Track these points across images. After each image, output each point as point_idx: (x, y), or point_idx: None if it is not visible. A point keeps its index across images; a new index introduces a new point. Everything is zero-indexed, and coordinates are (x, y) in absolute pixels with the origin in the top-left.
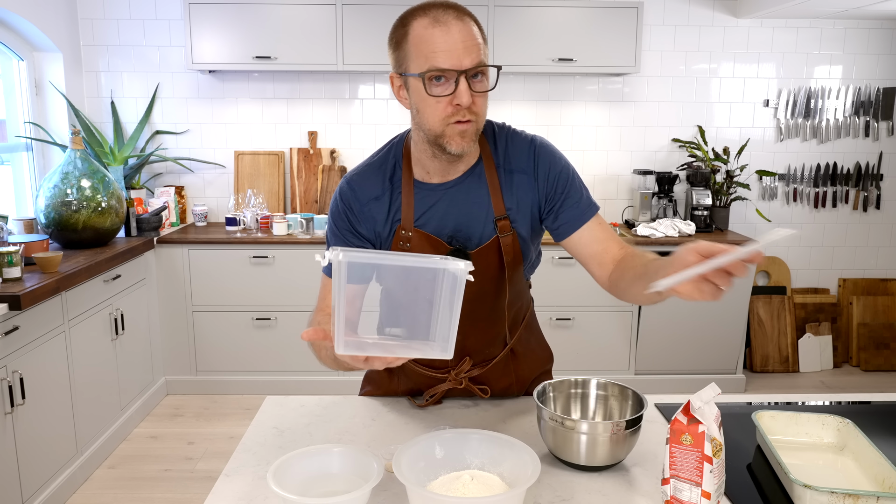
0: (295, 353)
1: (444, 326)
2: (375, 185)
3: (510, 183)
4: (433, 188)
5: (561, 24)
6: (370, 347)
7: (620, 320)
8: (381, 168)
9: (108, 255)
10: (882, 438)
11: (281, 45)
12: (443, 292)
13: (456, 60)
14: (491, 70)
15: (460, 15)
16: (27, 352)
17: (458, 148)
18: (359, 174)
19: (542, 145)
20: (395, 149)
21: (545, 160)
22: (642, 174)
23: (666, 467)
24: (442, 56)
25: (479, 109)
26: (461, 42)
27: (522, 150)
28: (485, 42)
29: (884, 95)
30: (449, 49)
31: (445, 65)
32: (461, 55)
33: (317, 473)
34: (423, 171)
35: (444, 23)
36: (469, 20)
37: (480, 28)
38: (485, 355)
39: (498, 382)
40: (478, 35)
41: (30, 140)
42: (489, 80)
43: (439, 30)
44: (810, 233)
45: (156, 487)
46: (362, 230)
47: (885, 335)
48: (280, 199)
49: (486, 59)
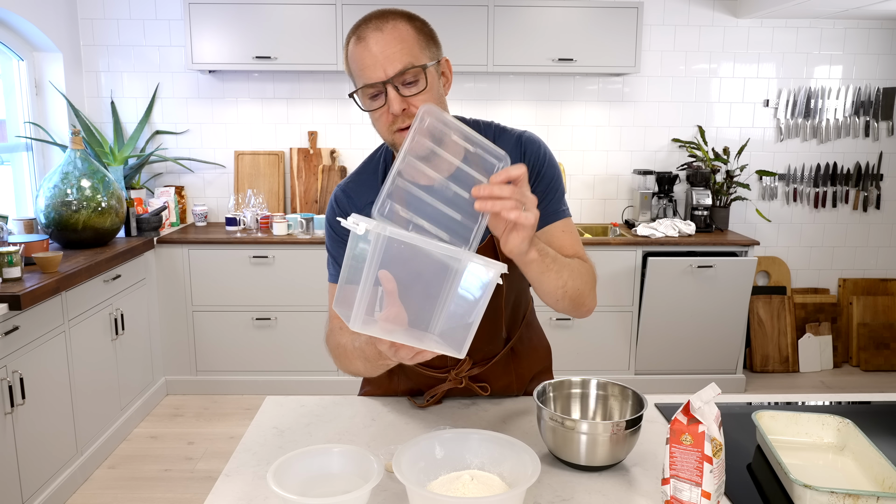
0: (295, 353)
1: (464, 325)
2: (369, 189)
3: None
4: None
5: (561, 24)
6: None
7: (620, 320)
8: (373, 173)
9: (108, 255)
10: (882, 438)
11: (281, 45)
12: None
13: (379, 72)
14: (428, 69)
15: (380, 24)
16: (27, 352)
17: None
18: (352, 181)
19: (529, 139)
20: (384, 153)
21: (532, 151)
22: (642, 174)
23: (666, 467)
24: (367, 72)
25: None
26: (380, 53)
27: (510, 144)
28: (424, 40)
29: (884, 95)
30: (371, 63)
31: (370, 79)
32: (383, 65)
33: (317, 473)
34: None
35: (363, 38)
36: (391, 25)
37: (416, 26)
38: (485, 354)
39: (498, 381)
40: (403, 38)
41: (30, 140)
42: (426, 81)
43: (361, 46)
44: (810, 233)
45: (156, 487)
46: None
47: (885, 335)
48: (280, 199)
49: (417, 60)
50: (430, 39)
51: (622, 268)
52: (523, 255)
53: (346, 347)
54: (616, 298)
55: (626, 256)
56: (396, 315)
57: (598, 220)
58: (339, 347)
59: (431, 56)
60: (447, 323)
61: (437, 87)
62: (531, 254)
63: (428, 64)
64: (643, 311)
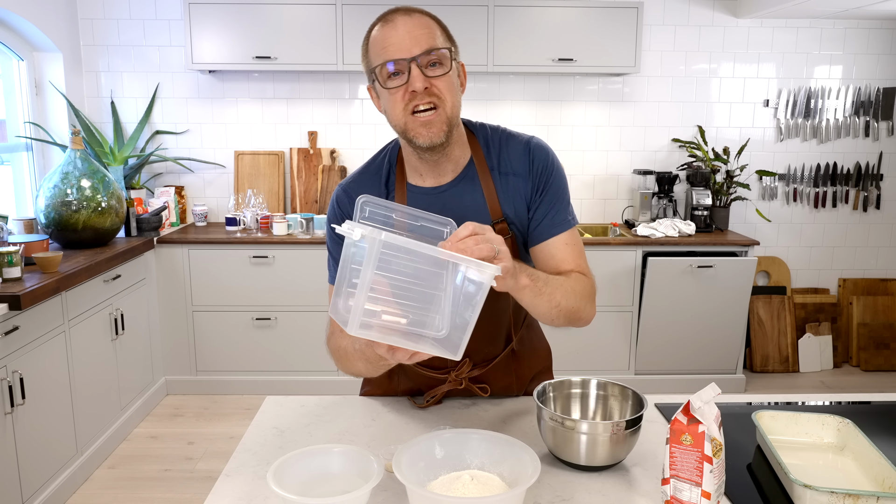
0: (295, 353)
1: (460, 327)
2: (371, 190)
3: (506, 186)
4: (427, 192)
5: (561, 24)
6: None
7: (620, 320)
8: (376, 173)
9: (108, 255)
10: (882, 438)
11: (281, 45)
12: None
13: (405, 50)
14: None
15: (409, 11)
16: (27, 352)
17: (425, 140)
18: (354, 181)
19: (537, 145)
20: (389, 154)
21: (539, 158)
22: (642, 174)
23: (666, 467)
24: (392, 49)
25: (440, 93)
26: (407, 33)
27: (518, 152)
28: (447, 35)
29: (884, 95)
30: (397, 41)
31: (395, 55)
32: (409, 44)
33: (317, 473)
34: (416, 175)
35: (390, 21)
36: (418, 14)
37: (439, 22)
38: (485, 355)
39: (498, 382)
40: (429, 25)
41: (30, 140)
42: (449, 65)
43: (387, 27)
44: (810, 233)
45: (156, 487)
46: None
47: (885, 335)
48: (280, 199)
49: (443, 45)
50: (452, 40)
51: (622, 268)
52: (515, 287)
53: (347, 350)
54: (616, 298)
55: (626, 256)
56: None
57: (598, 220)
58: (339, 350)
59: (453, 51)
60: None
61: (456, 79)
62: (522, 281)
63: (452, 50)
64: (643, 311)
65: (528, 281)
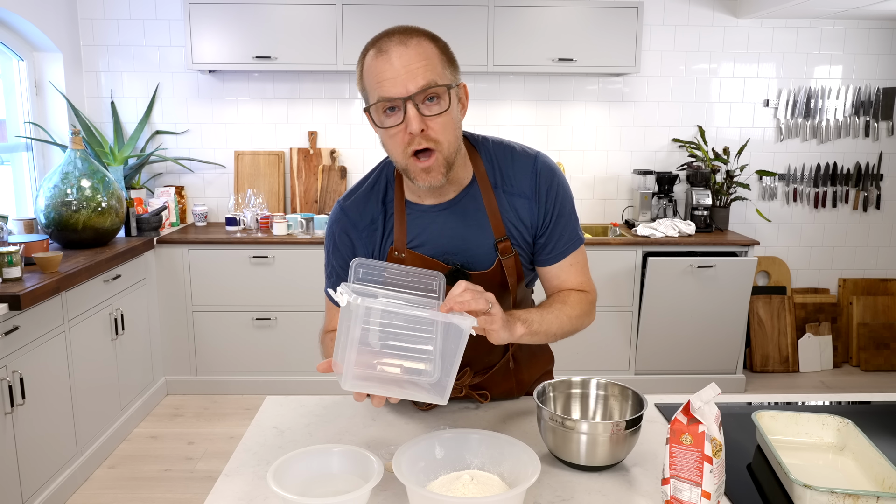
0: (295, 353)
1: (445, 374)
2: (370, 210)
3: (511, 205)
4: (426, 210)
5: (561, 24)
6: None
7: (620, 320)
8: (373, 190)
9: (108, 255)
10: (882, 438)
11: (281, 45)
12: (446, 342)
13: (400, 87)
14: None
15: (405, 39)
16: (27, 352)
17: (426, 183)
18: (353, 201)
19: (544, 165)
20: (386, 169)
21: (546, 180)
22: (642, 174)
23: (666, 467)
24: (387, 85)
25: (437, 136)
26: (403, 68)
27: (524, 171)
28: (446, 60)
29: (884, 95)
30: (392, 77)
31: (390, 93)
32: (405, 81)
33: (317, 473)
34: (414, 195)
35: (385, 51)
36: (416, 41)
37: (439, 46)
38: (484, 364)
39: (498, 387)
40: (427, 55)
41: (30, 140)
42: (447, 101)
43: (382, 59)
44: (810, 233)
45: (156, 487)
46: (360, 254)
47: (885, 335)
48: (280, 199)
49: (441, 79)
50: (452, 62)
51: (622, 268)
52: (513, 339)
53: None
54: (616, 298)
55: (626, 256)
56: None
57: (598, 220)
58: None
59: (452, 79)
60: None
61: (456, 112)
62: (517, 331)
63: (451, 85)
64: (643, 311)
65: (523, 329)
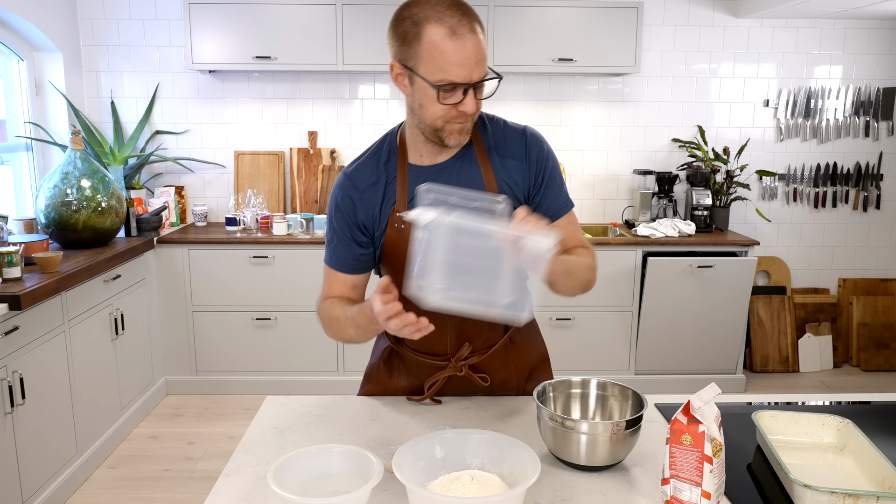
0: (295, 353)
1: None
2: (371, 172)
3: (503, 166)
4: (424, 169)
5: (561, 24)
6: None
7: (620, 320)
8: (375, 156)
9: (108, 255)
10: (882, 438)
11: (281, 45)
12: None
13: (467, 74)
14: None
15: (473, 26)
16: (27, 352)
17: (456, 142)
18: (355, 167)
19: (532, 134)
20: (389, 139)
21: (535, 145)
22: (642, 174)
23: (666, 467)
24: (456, 70)
25: (477, 112)
26: (474, 58)
27: (515, 137)
28: None
29: (884, 95)
30: (462, 63)
31: (458, 79)
32: (472, 69)
33: (317, 473)
34: (416, 155)
35: (460, 36)
36: (479, 29)
37: (483, 29)
38: (484, 341)
39: (497, 373)
40: (485, 45)
41: (30, 140)
42: (489, 85)
43: (456, 44)
44: (810, 233)
45: (156, 487)
46: (361, 217)
47: (885, 335)
48: (280, 199)
49: (492, 73)
50: None
51: (622, 268)
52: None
53: (339, 318)
54: (616, 298)
55: (626, 256)
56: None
57: (598, 220)
58: (332, 319)
59: None
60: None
61: None
62: (556, 265)
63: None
64: (643, 311)
65: (562, 267)
